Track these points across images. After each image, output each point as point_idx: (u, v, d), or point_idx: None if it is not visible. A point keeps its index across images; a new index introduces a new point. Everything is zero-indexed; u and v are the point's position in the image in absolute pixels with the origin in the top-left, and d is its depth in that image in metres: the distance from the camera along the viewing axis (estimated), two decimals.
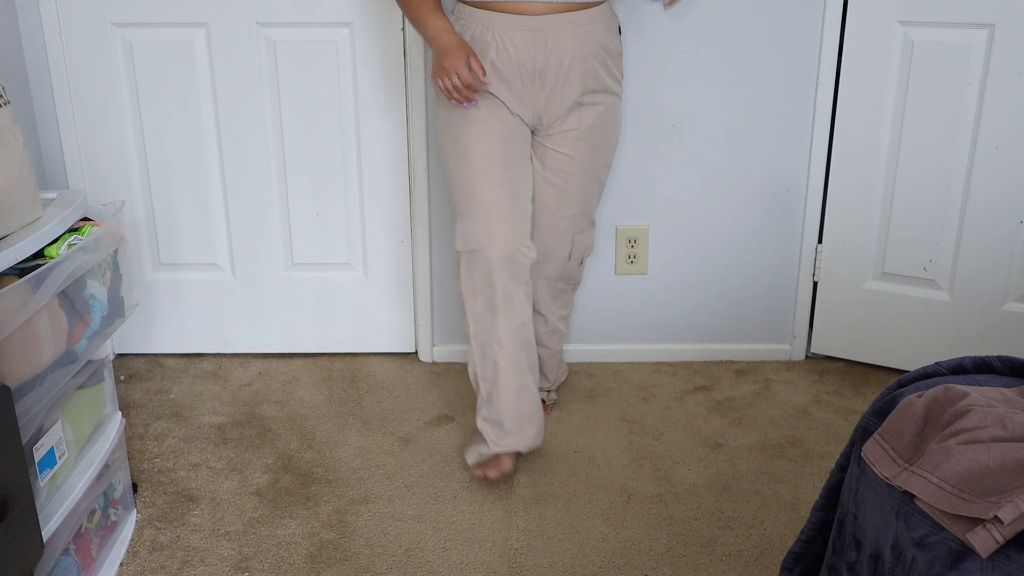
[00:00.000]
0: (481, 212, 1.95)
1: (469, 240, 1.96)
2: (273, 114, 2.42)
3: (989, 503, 0.97)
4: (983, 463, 1.01)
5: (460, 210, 2.00)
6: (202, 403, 2.40)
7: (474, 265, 1.96)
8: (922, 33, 2.23)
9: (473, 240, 1.96)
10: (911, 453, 1.10)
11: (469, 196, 1.97)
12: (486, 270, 1.95)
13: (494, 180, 1.96)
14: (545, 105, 1.98)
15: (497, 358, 1.99)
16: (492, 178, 1.96)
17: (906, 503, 1.06)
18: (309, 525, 1.93)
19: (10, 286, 1.38)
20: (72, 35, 2.35)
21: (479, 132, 1.96)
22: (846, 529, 1.17)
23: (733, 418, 2.31)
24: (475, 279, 1.97)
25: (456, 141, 1.99)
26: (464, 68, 1.87)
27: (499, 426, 2.02)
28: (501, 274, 1.94)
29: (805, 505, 1.97)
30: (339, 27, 2.35)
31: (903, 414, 1.14)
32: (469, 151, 1.97)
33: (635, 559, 1.82)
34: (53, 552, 1.54)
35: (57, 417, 1.61)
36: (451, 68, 1.87)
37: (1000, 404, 1.09)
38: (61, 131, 2.43)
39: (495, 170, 1.96)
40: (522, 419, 2.02)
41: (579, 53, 1.94)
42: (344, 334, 2.63)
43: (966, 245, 2.33)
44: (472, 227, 1.96)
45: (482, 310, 1.98)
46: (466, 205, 1.98)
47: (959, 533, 0.99)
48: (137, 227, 2.52)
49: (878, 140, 2.35)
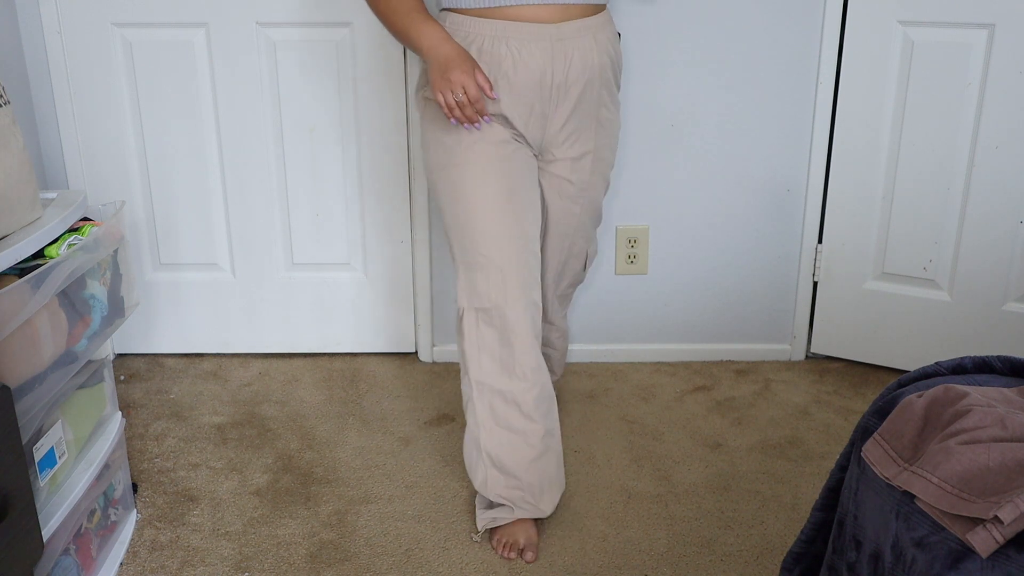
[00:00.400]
0: (492, 265, 1.74)
1: (480, 297, 1.76)
2: (273, 114, 2.43)
3: (989, 503, 0.97)
4: (983, 463, 1.01)
5: (465, 261, 1.78)
6: (202, 403, 2.40)
7: (486, 322, 1.77)
8: (922, 33, 2.23)
9: (485, 297, 1.75)
10: (911, 453, 1.10)
11: (474, 247, 1.76)
12: (502, 329, 1.76)
13: (502, 229, 1.75)
14: (562, 124, 1.80)
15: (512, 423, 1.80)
16: (500, 226, 1.75)
17: (906, 503, 1.06)
18: (309, 525, 1.93)
19: (10, 286, 1.39)
20: (72, 35, 2.35)
21: (479, 174, 1.74)
22: (846, 529, 1.17)
23: (733, 418, 2.31)
24: (486, 337, 1.77)
25: (453, 186, 1.77)
26: (472, 82, 1.64)
27: (517, 490, 1.84)
28: (520, 332, 1.76)
29: (805, 505, 1.97)
30: (339, 27, 2.35)
31: (903, 414, 1.14)
32: (468, 197, 1.75)
33: (635, 559, 1.82)
34: (53, 552, 1.54)
35: (57, 417, 1.61)
36: (457, 82, 1.64)
37: (1000, 404, 1.10)
38: (61, 131, 2.43)
39: (503, 216, 1.75)
40: (544, 483, 1.85)
41: (598, 63, 1.78)
42: (344, 334, 2.63)
43: (966, 245, 2.33)
44: (482, 282, 1.75)
45: (491, 371, 1.78)
46: (472, 256, 1.76)
47: (959, 533, 0.99)
48: (137, 227, 2.52)
49: (878, 140, 2.35)
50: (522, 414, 1.78)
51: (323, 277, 2.58)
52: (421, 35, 1.69)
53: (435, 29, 1.69)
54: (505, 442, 1.80)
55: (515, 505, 1.82)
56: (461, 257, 1.78)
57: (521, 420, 1.78)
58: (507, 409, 1.78)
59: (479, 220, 1.75)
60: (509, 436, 1.80)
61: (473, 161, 1.74)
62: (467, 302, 1.77)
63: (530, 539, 1.82)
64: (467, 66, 1.65)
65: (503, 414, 1.79)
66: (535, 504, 1.83)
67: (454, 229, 1.79)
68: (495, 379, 1.78)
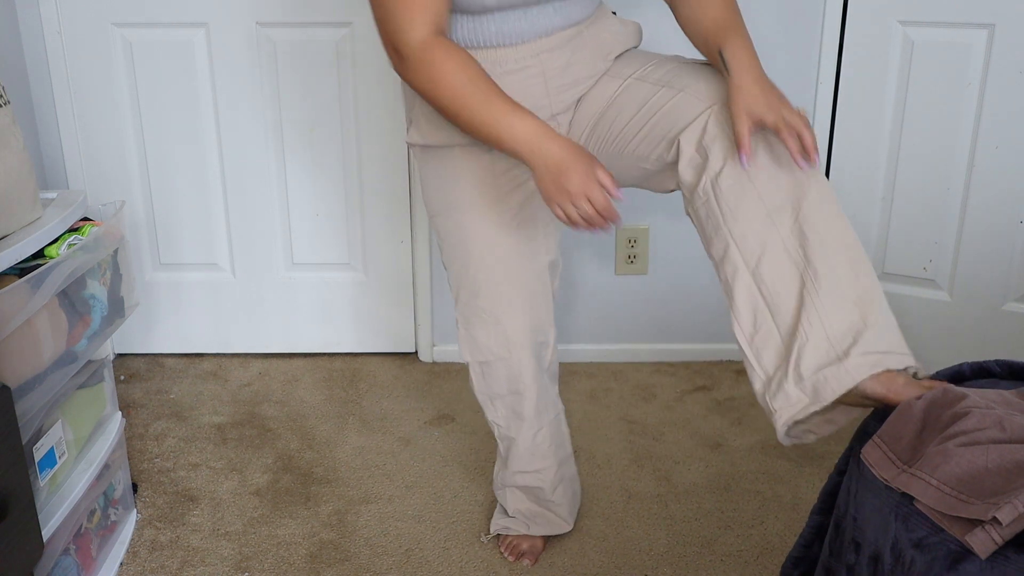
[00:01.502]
0: (491, 318, 1.63)
1: (482, 351, 1.67)
2: (273, 114, 2.43)
3: (987, 504, 0.97)
4: (981, 465, 1.01)
5: (464, 314, 1.66)
6: (202, 403, 2.40)
7: (491, 374, 1.69)
8: (922, 33, 2.23)
9: (487, 351, 1.66)
10: (910, 455, 1.10)
11: (473, 300, 1.64)
12: (508, 378, 1.68)
13: (503, 276, 1.61)
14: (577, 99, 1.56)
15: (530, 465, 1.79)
16: (500, 274, 1.61)
17: (905, 504, 1.06)
18: (309, 525, 1.93)
19: (10, 286, 1.39)
20: (72, 35, 2.35)
21: (476, 217, 1.58)
22: (844, 531, 1.17)
23: (733, 418, 2.31)
24: (494, 387, 1.70)
25: (449, 232, 1.62)
26: (596, 189, 1.33)
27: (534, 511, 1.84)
28: (527, 379, 1.68)
29: (805, 505, 1.97)
30: (339, 27, 2.35)
31: (902, 416, 1.14)
32: (466, 243, 1.60)
33: (635, 559, 1.82)
34: (53, 552, 1.54)
35: (57, 417, 1.61)
36: (579, 193, 1.33)
37: (999, 406, 1.10)
38: (61, 131, 2.43)
39: (506, 261, 1.61)
40: (561, 509, 1.85)
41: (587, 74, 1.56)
42: (344, 334, 2.63)
43: (966, 245, 2.33)
44: (482, 336, 1.65)
45: (506, 416, 1.74)
46: (470, 310, 1.65)
47: (958, 535, 0.99)
48: (137, 227, 2.53)
49: (878, 140, 2.35)
50: (537, 456, 1.78)
51: (323, 277, 2.58)
52: (514, 129, 1.34)
53: (531, 121, 1.35)
54: (521, 481, 1.81)
55: (531, 523, 1.83)
56: (461, 310, 1.67)
57: (537, 461, 1.79)
58: (521, 453, 1.78)
59: (476, 271, 1.61)
60: (524, 477, 1.81)
61: (470, 203, 1.57)
62: (470, 356, 1.69)
63: (534, 547, 1.83)
64: (586, 167, 1.34)
65: (517, 456, 1.79)
66: (549, 525, 1.85)
67: (453, 278, 1.66)
68: (507, 425, 1.75)
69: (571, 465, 1.88)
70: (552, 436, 1.78)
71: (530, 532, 1.83)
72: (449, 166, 1.57)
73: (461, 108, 1.35)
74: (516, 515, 1.84)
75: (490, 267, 1.61)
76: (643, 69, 1.54)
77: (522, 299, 1.64)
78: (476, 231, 1.59)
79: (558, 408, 1.82)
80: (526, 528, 1.83)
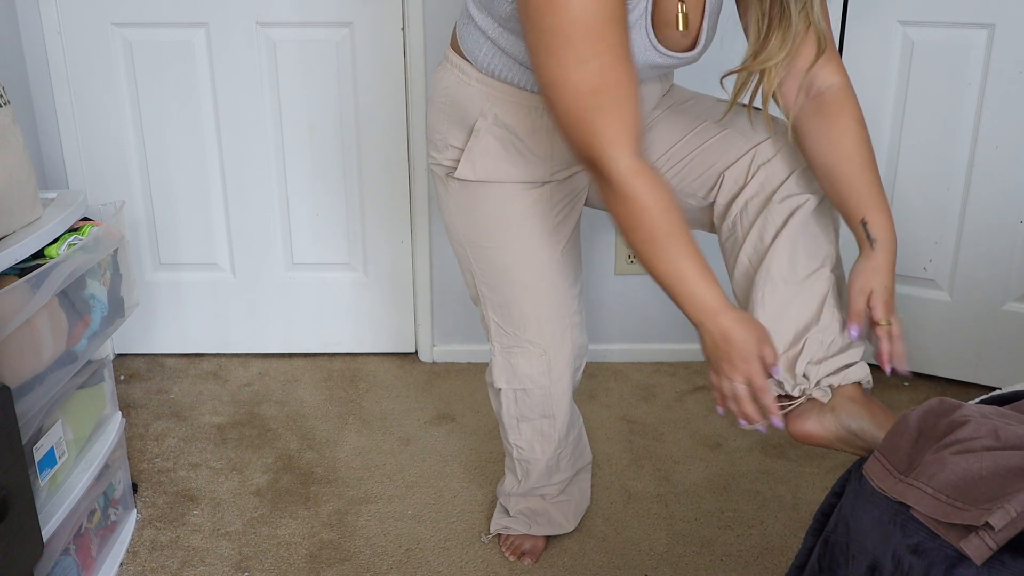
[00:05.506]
0: (537, 349, 1.61)
1: (522, 379, 1.64)
2: (273, 114, 2.43)
3: (981, 510, 0.97)
4: (975, 471, 1.01)
5: (503, 342, 1.63)
6: (202, 403, 2.40)
7: (526, 401, 1.66)
8: (922, 33, 2.23)
9: (527, 379, 1.63)
10: (907, 465, 1.11)
11: (516, 332, 1.60)
12: (544, 404, 1.66)
13: (549, 309, 1.58)
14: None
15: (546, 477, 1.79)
16: (547, 308, 1.58)
17: (903, 511, 1.06)
18: (309, 525, 1.93)
19: (10, 286, 1.39)
20: (72, 35, 2.35)
21: (530, 253, 1.54)
22: (840, 544, 1.17)
23: (733, 418, 2.31)
24: (526, 412, 1.68)
25: (492, 267, 1.57)
26: (760, 373, 1.29)
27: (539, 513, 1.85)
28: (562, 403, 1.66)
29: (805, 505, 1.97)
30: (339, 27, 2.35)
31: (898, 428, 1.16)
32: (513, 281, 1.56)
33: (635, 559, 1.82)
34: (53, 552, 1.54)
35: (57, 417, 1.61)
36: (742, 372, 1.29)
37: (996, 417, 1.10)
38: (61, 131, 2.43)
39: (552, 294, 1.58)
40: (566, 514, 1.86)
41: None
42: (344, 334, 2.63)
43: (966, 245, 2.33)
44: (524, 366, 1.63)
45: (529, 440, 1.71)
46: (512, 340, 1.61)
47: (954, 541, 0.99)
48: (137, 227, 2.53)
49: (878, 140, 2.34)
50: (556, 472, 1.78)
51: (323, 277, 2.58)
52: (695, 300, 1.31)
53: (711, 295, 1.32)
54: (538, 494, 1.82)
55: (532, 522, 1.83)
56: (501, 339, 1.62)
57: (556, 476, 1.79)
58: (542, 471, 1.77)
59: (524, 304, 1.57)
60: (542, 490, 1.81)
61: (519, 236, 1.52)
62: (506, 384, 1.65)
63: (535, 546, 1.83)
64: (755, 347, 1.29)
65: (536, 474, 1.78)
66: (551, 525, 1.85)
67: (491, 308, 1.61)
68: (530, 448, 1.73)
69: (587, 472, 1.89)
70: (572, 452, 1.79)
71: (531, 532, 1.83)
72: (500, 199, 1.52)
73: (650, 251, 1.30)
74: (518, 515, 1.84)
75: (538, 302, 1.57)
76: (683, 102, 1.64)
77: (567, 329, 1.62)
78: (525, 264, 1.55)
79: (579, 423, 1.82)
80: (527, 528, 1.83)
